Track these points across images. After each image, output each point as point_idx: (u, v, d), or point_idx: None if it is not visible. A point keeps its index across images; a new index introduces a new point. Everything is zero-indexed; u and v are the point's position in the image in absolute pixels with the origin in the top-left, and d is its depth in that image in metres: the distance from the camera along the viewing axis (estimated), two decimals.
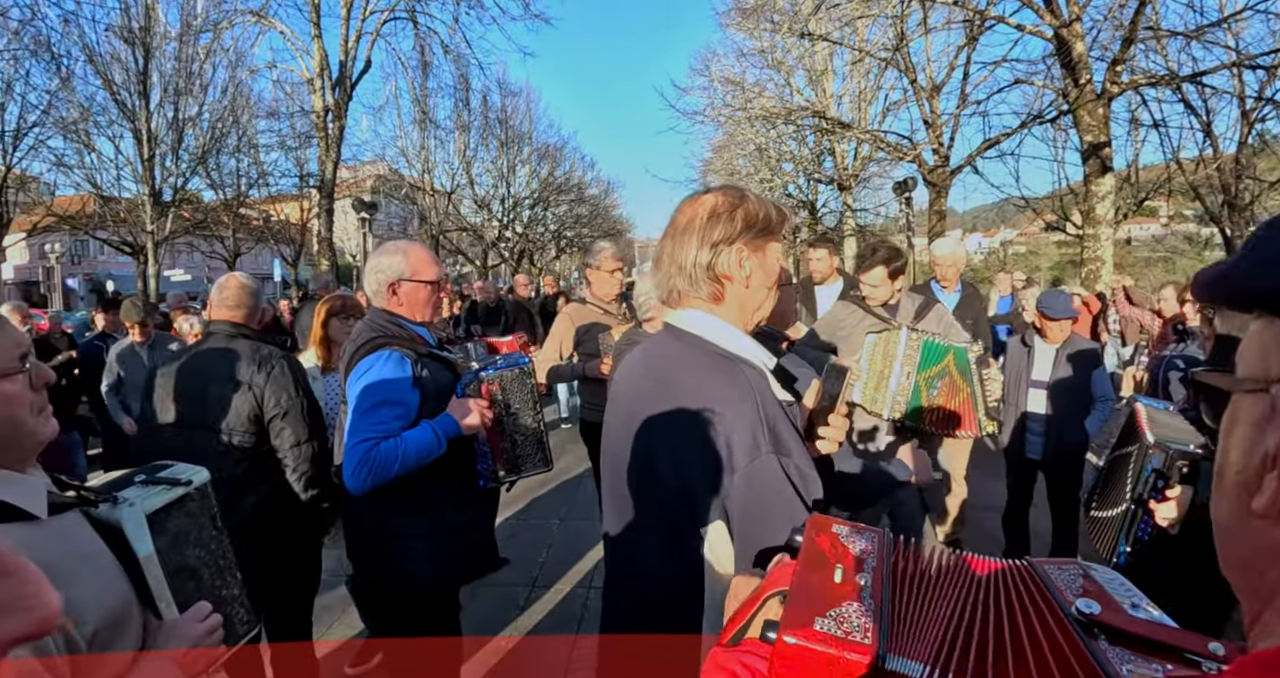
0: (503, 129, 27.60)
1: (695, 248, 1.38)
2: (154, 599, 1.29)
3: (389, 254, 2.41)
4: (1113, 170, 10.09)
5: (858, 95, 19.18)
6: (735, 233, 1.37)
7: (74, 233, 19.22)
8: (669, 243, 1.44)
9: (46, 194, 18.48)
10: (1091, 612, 0.73)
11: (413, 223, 29.50)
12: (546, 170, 30.32)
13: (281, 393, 2.66)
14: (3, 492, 1.10)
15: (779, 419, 1.31)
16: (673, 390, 1.36)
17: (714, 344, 1.39)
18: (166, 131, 16.91)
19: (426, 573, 2.38)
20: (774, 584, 0.88)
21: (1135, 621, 0.73)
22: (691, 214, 1.41)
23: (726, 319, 1.42)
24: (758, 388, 1.32)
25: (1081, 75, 9.48)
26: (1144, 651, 0.70)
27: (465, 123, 25.76)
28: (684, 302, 1.44)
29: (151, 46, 16.09)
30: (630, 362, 1.57)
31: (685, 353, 1.40)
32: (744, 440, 1.25)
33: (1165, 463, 1.98)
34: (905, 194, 14.06)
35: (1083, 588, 0.80)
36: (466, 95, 24.17)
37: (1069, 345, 3.92)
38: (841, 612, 0.74)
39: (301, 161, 20.12)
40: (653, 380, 1.43)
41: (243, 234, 21.37)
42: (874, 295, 3.56)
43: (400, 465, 2.19)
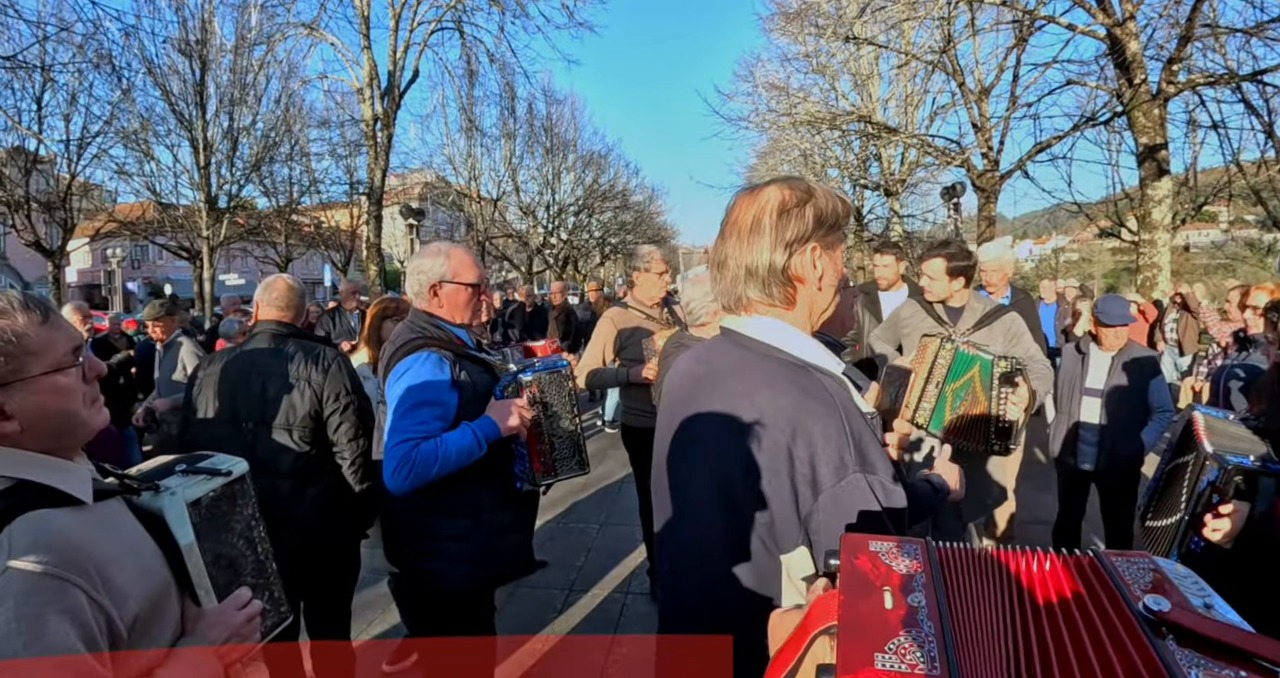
0: (548, 136, 27.86)
1: (768, 250, 1.25)
2: (194, 587, 1.31)
3: (431, 256, 2.42)
4: (1170, 174, 9.77)
5: (904, 99, 18.89)
6: (808, 231, 1.25)
7: (134, 238, 19.85)
8: (734, 245, 1.30)
9: (108, 201, 19.18)
10: (1160, 609, 0.67)
11: (459, 229, 29.91)
12: (591, 177, 30.49)
13: (340, 388, 2.74)
14: (53, 478, 1.14)
15: (864, 433, 1.19)
16: (746, 406, 1.23)
17: (785, 352, 1.27)
18: (222, 140, 17.39)
19: (462, 574, 2.39)
20: (818, 619, 0.78)
21: (1207, 621, 0.67)
22: (758, 211, 1.27)
23: (794, 324, 1.30)
24: (840, 400, 1.21)
25: (1136, 75, 9.20)
26: (1215, 654, 0.64)
27: (511, 130, 26.03)
28: (752, 308, 1.31)
29: (208, 59, 16.57)
30: (688, 371, 1.44)
31: (756, 363, 1.27)
32: (830, 459, 1.14)
33: (1222, 478, 1.88)
34: (953, 200, 13.78)
35: (1152, 583, 0.74)
36: (512, 103, 24.43)
37: (1125, 353, 3.77)
38: (900, 643, 0.67)
39: (351, 169, 20.52)
40: (721, 393, 1.29)
41: (294, 240, 21.86)
42: (930, 288, 3.48)
43: (440, 467, 2.19)
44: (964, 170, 13.97)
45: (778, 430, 1.17)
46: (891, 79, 19.27)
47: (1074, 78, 11.60)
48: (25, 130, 14.28)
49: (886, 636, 0.68)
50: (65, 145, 15.32)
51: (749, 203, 1.30)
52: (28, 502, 1.08)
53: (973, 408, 3.12)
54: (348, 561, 2.97)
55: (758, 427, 1.20)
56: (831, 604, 0.77)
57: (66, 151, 15.42)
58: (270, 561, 1.60)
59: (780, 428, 1.17)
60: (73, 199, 15.77)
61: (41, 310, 1.15)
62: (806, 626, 0.80)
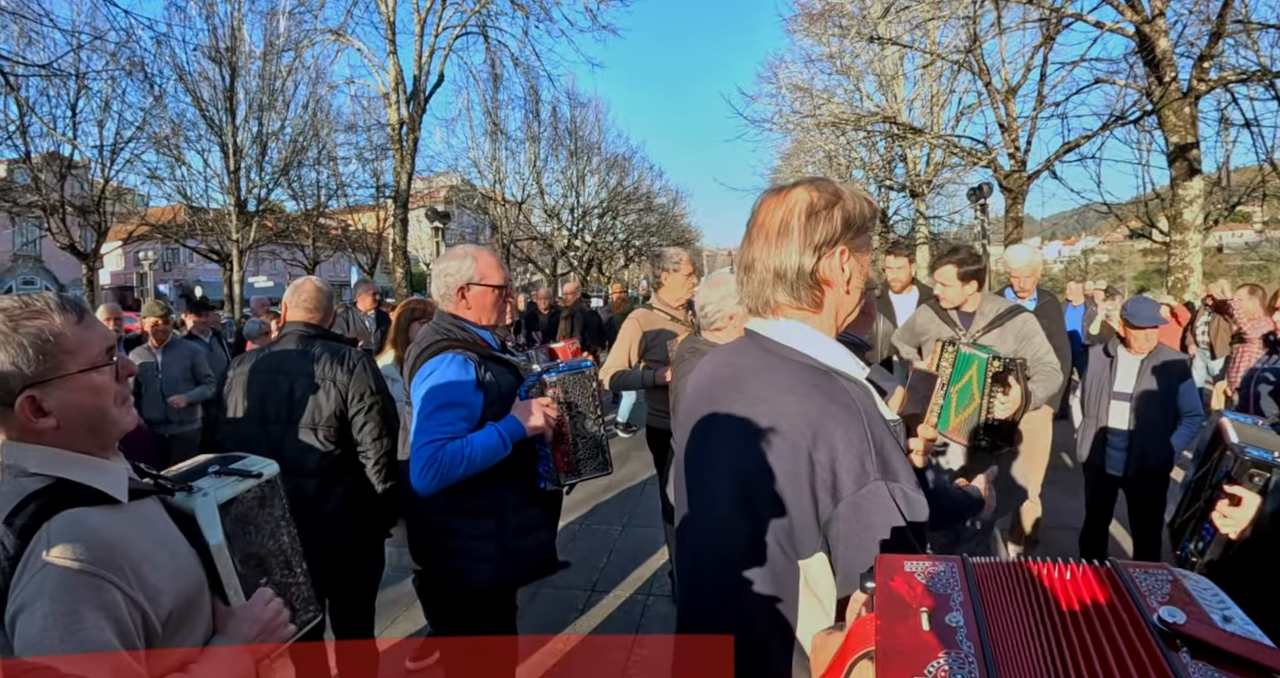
0: (572, 139, 27.98)
1: (796, 253, 1.24)
2: (223, 587, 1.34)
3: (458, 258, 2.45)
4: (1201, 173, 9.61)
5: (930, 99, 18.75)
6: (837, 233, 1.23)
7: (166, 241, 20.21)
8: (761, 247, 1.28)
9: (141, 205, 19.61)
10: (1175, 621, 0.67)
11: (484, 232, 30.07)
12: (615, 180, 30.63)
13: (364, 389, 2.77)
14: (89, 476, 1.17)
15: (886, 440, 1.18)
16: (768, 410, 1.22)
17: (810, 357, 1.26)
18: (251, 145, 17.69)
19: (486, 573, 2.41)
20: (857, 644, 0.78)
21: (1224, 634, 0.66)
22: (786, 213, 1.26)
23: (819, 328, 1.28)
24: (863, 406, 1.19)
25: (1166, 73, 9.06)
26: (1231, 668, 0.63)
27: (535, 134, 26.19)
28: (780, 312, 1.30)
29: (237, 65, 16.88)
30: (711, 373, 1.43)
31: (780, 367, 1.26)
32: (851, 466, 1.12)
33: (1236, 468, 1.84)
34: (980, 201, 13.64)
35: (1169, 595, 0.73)
36: (536, 107, 24.58)
37: (1155, 356, 3.70)
38: (939, 665, 0.67)
39: (378, 173, 20.76)
40: (743, 396, 1.28)
41: (322, 243, 22.15)
42: (944, 295, 3.48)
43: (466, 467, 2.21)
44: (990, 171, 13.83)
45: (799, 435, 1.16)
46: (917, 79, 19.17)
47: (1102, 76, 11.46)
48: (60, 136, 14.58)
49: (925, 659, 0.68)
50: (99, 151, 15.66)
51: (776, 204, 1.28)
52: (65, 500, 1.11)
53: (968, 407, 3.13)
54: (372, 559, 3.01)
55: (779, 431, 1.19)
56: (869, 628, 0.76)
57: (100, 157, 15.75)
58: (300, 560, 1.63)
59: (802, 433, 1.15)
60: (106, 203, 16.07)
61: (77, 311, 1.18)
62: (846, 651, 0.79)
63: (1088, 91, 12.13)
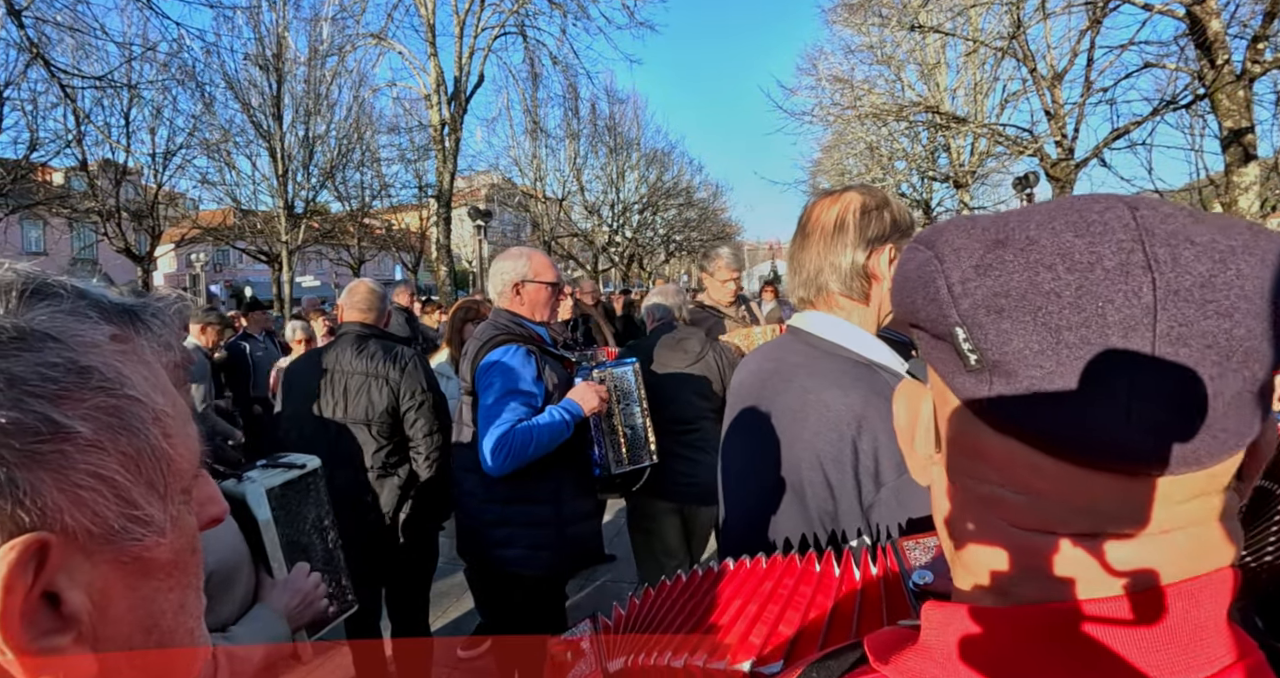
0: (611, 136, 28.09)
1: (852, 247, 1.35)
2: (268, 559, 1.46)
3: (514, 258, 2.60)
4: (1257, 158, 9.29)
5: (973, 88, 18.39)
6: (887, 231, 1.34)
7: (216, 243, 20.82)
8: (818, 241, 1.39)
9: (192, 209, 20.28)
10: (924, 582, 0.78)
11: (525, 229, 30.37)
12: (655, 175, 30.63)
13: (416, 386, 2.88)
14: None
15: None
16: (814, 401, 1.29)
17: (851, 351, 1.34)
18: (298, 149, 18.10)
19: (541, 561, 2.52)
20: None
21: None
22: (841, 210, 1.37)
23: (860, 322, 1.37)
24: None
25: (1218, 56, 8.79)
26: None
27: (575, 131, 26.35)
28: (831, 301, 1.39)
29: (283, 72, 17.28)
30: (758, 368, 1.51)
31: (820, 361, 1.34)
32: (893, 454, 1.20)
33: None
34: (1026, 190, 13.41)
35: (931, 560, 0.84)
36: (575, 104, 24.71)
37: None
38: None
39: (420, 173, 21.08)
40: (788, 390, 1.36)
41: (367, 243, 22.59)
42: None
43: (535, 448, 2.35)
44: (1037, 160, 13.54)
45: (845, 425, 1.23)
46: (959, 67, 18.81)
47: (1152, 60, 11.13)
48: (115, 144, 15.11)
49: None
50: (151, 157, 16.19)
51: (831, 204, 1.39)
52: None
53: None
54: (426, 550, 3.13)
55: (826, 420, 1.26)
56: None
57: (153, 163, 16.30)
58: (339, 551, 1.75)
59: (847, 423, 1.23)
60: (159, 207, 16.63)
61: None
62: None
63: (1137, 76, 11.78)
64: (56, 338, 0.44)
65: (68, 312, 0.46)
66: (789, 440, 1.32)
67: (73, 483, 0.42)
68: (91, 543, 0.44)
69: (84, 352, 0.45)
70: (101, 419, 0.44)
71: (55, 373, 0.43)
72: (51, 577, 0.42)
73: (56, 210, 16.80)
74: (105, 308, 0.49)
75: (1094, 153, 12.85)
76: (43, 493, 0.41)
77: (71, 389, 0.43)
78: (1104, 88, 12.23)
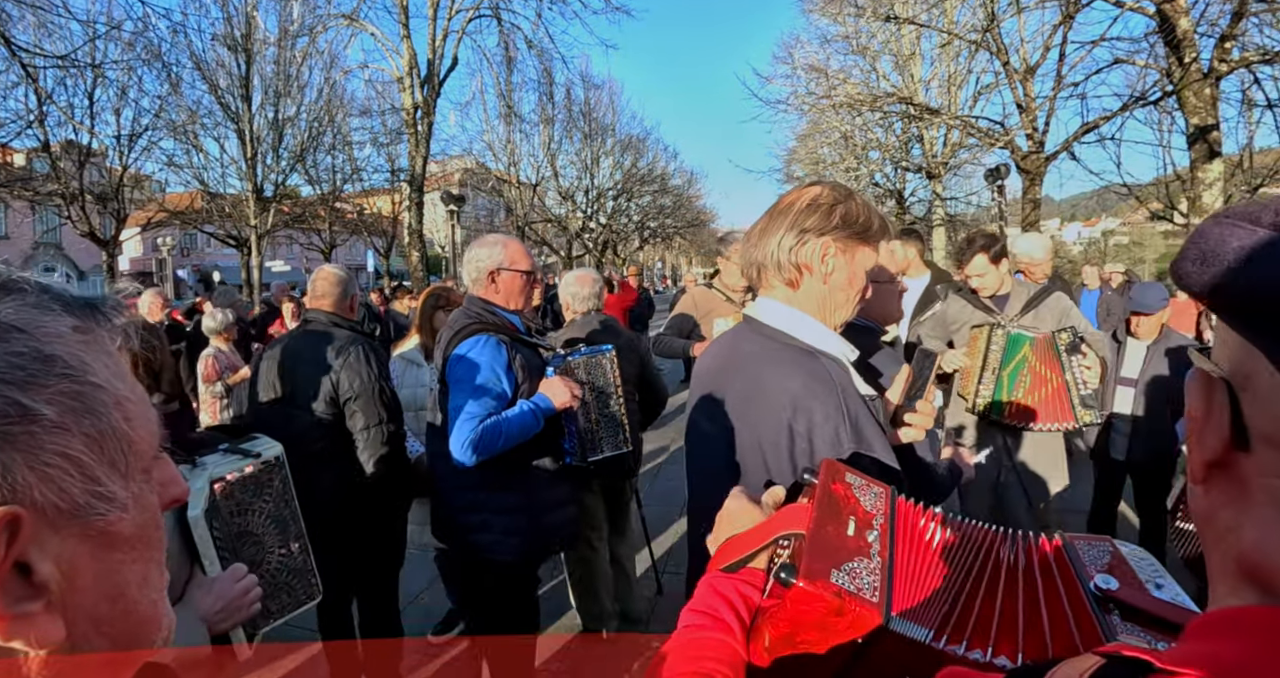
0: (586, 121, 27.94)
1: (784, 229, 1.39)
2: (200, 557, 1.40)
3: (489, 245, 2.58)
4: (1221, 155, 9.48)
5: (947, 80, 18.52)
6: (828, 226, 1.37)
7: (184, 227, 20.43)
8: (765, 220, 1.44)
9: (158, 191, 19.82)
10: (1108, 588, 0.76)
11: (499, 215, 30.15)
12: (630, 161, 30.57)
13: (355, 378, 2.82)
14: None
15: (861, 414, 1.31)
16: (758, 387, 1.36)
17: (795, 338, 1.40)
18: (267, 132, 17.80)
19: (512, 546, 2.54)
20: (785, 524, 0.89)
21: (1153, 600, 0.75)
22: (794, 198, 1.42)
23: (805, 310, 1.41)
24: (840, 382, 1.33)
25: (1187, 53, 8.94)
26: (1155, 629, 0.72)
27: (549, 116, 26.17)
28: (763, 282, 1.45)
29: (252, 52, 16.96)
30: (716, 354, 1.58)
31: (768, 349, 1.40)
32: (827, 436, 1.27)
33: None
34: (998, 182, 13.55)
35: (1108, 564, 0.82)
36: (550, 89, 24.53)
37: (1163, 341, 3.74)
38: (854, 567, 0.78)
39: (393, 157, 20.87)
40: (739, 377, 1.43)
41: (338, 227, 22.32)
42: (982, 285, 3.48)
43: (505, 441, 2.36)
44: (1008, 152, 13.68)
45: (781, 409, 1.31)
46: (934, 59, 18.94)
47: (1122, 56, 11.29)
48: (78, 125, 14.72)
49: (844, 557, 0.79)
50: (116, 139, 15.83)
51: (793, 193, 1.45)
52: None
53: (1039, 388, 3.17)
54: (389, 538, 3.11)
55: (766, 405, 1.34)
56: (802, 515, 0.87)
57: (118, 145, 15.94)
58: (303, 541, 1.72)
59: (784, 406, 1.31)
60: (124, 190, 16.28)
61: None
62: (773, 525, 0.90)
63: (1107, 71, 11.97)
64: (22, 329, 0.47)
65: (33, 305, 0.49)
66: (738, 425, 1.39)
67: (41, 462, 0.45)
68: (59, 518, 0.47)
69: (48, 341, 0.48)
70: (66, 403, 0.47)
71: (22, 361, 0.46)
72: (23, 548, 0.45)
73: (18, 193, 16.42)
74: (67, 301, 0.51)
75: (1064, 146, 13.03)
76: (13, 471, 0.44)
77: (37, 376, 0.46)
78: (1075, 82, 12.42)
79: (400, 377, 3.55)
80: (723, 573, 0.91)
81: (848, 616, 0.73)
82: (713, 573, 0.92)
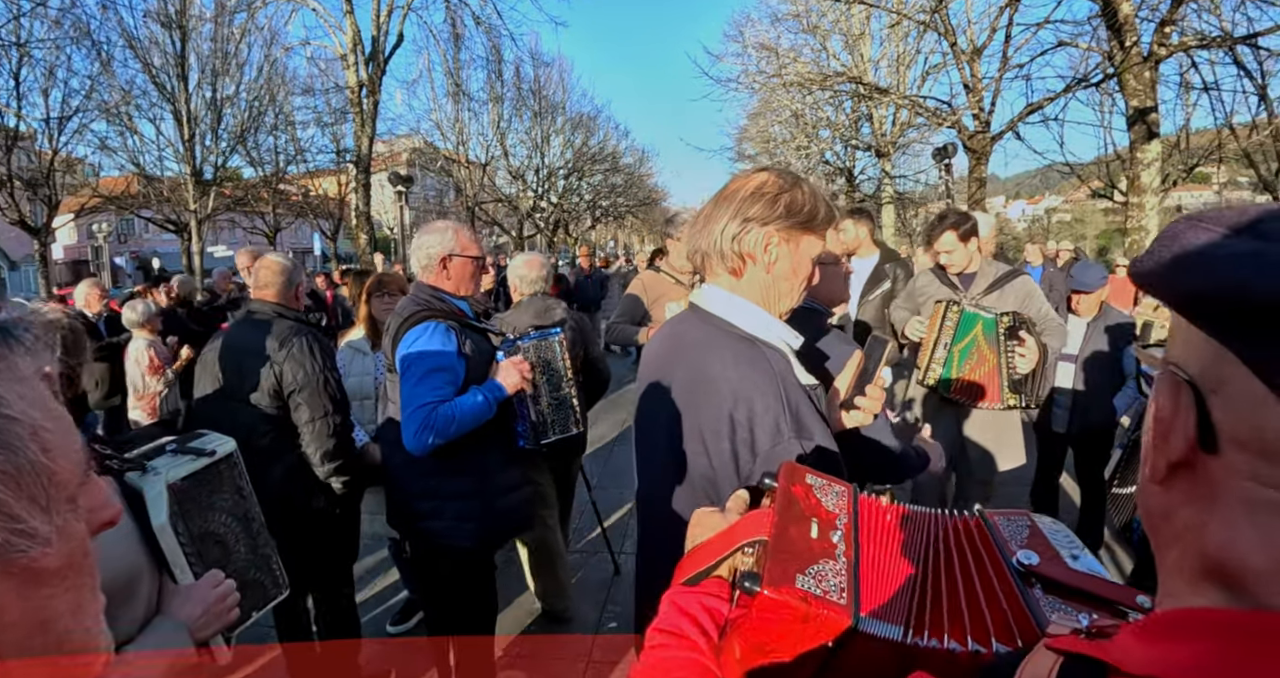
0: (536, 100, 27.58)
1: (728, 218, 1.38)
2: (169, 566, 1.35)
3: (438, 232, 2.56)
4: (1159, 137, 9.77)
5: (896, 59, 18.71)
6: (772, 215, 1.36)
7: (120, 213, 19.62)
8: (710, 206, 1.43)
9: (92, 176, 18.94)
10: (1030, 563, 0.78)
11: (448, 195, 29.66)
12: (580, 140, 30.32)
13: (299, 370, 2.75)
14: None
15: (801, 403, 1.32)
16: (701, 376, 1.37)
17: (737, 327, 1.40)
18: (206, 112, 17.20)
19: (467, 531, 2.53)
20: (747, 531, 0.88)
21: (1071, 572, 0.78)
22: (739, 186, 1.41)
23: (749, 298, 1.42)
24: (780, 372, 1.33)
25: (1128, 37, 9.16)
26: (1076, 600, 0.75)
27: (498, 94, 25.77)
28: (708, 269, 1.45)
29: (188, 29, 16.33)
30: (662, 341, 1.58)
31: (711, 337, 1.40)
32: (767, 425, 1.28)
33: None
34: (945, 160, 13.78)
35: (1026, 539, 0.84)
36: (499, 67, 24.18)
37: (1102, 319, 3.87)
38: (819, 570, 0.77)
39: (338, 137, 20.35)
40: (683, 365, 1.44)
41: (282, 210, 21.72)
42: (950, 262, 3.53)
43: (458, 427, 2.35)
44: (955, 131, 13.90)
45: (722, 398, 1.32)
46: (883, 38, 19.07)
47: (1066, 39, 11.50)
48: (4, 107, 14.09)
49: (809, 561, 0.78)
50: (45, 122, 15.14)
51: (739, 179, 1.44)
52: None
53: (979, 368, 3.25)
54: (342, 529, 3.07)
55: (708, 394, 1.35)
56: (764, 521, 0.86)
57: (47, 127, 15.24)
58: (264, 535, 1.68)
59: (725, 396, 1.32)
60: (56, 175, 15.58)
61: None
62: (735, 533, 0.89)
63: (1051, 54, 12.17)
64: None
65: None
66: (683, 413, 1.40)
67: None
68: None
69: None
70: None
71: None
72: None
73: None
74: None
75: (1009, 126, 13.28)
76: None
77: None
78: (1020, 64, 12.62)
79: (347, 365, 3.48)
80: (685, 587, 0.90)
81: (816, 620, 0.73)
82: (675, 588, 0.90)
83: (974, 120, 13.63)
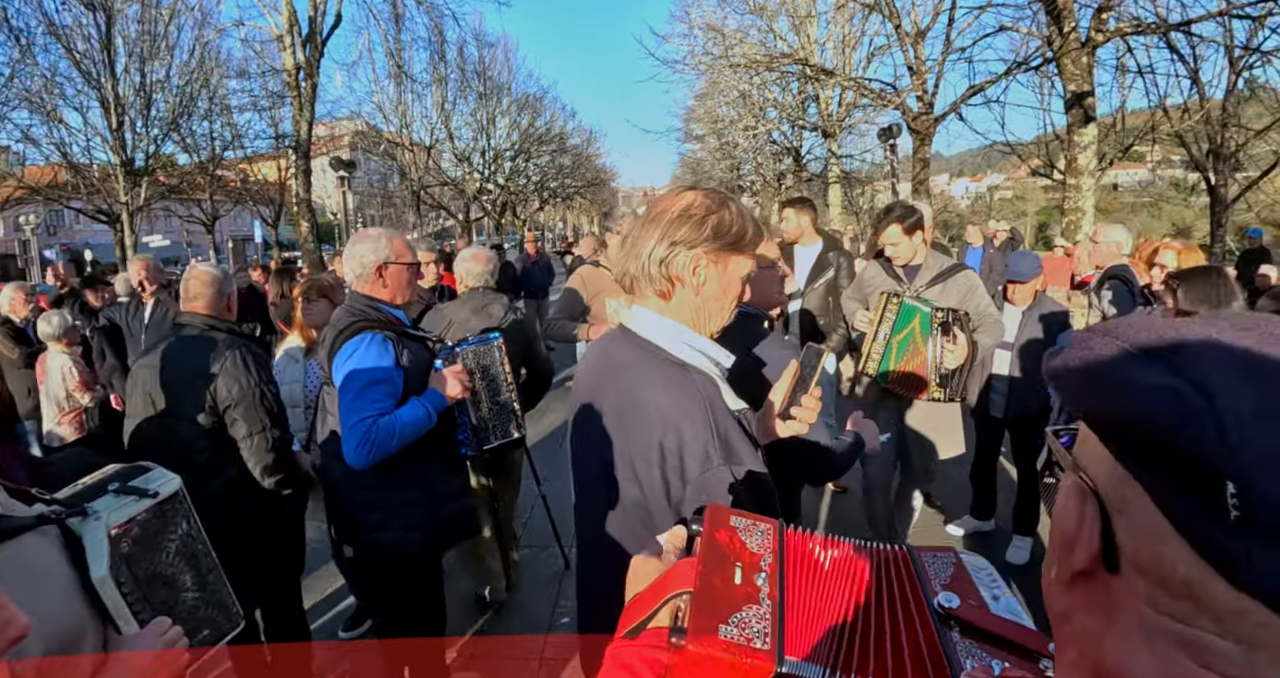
0: (481, 81, 27.15)
1: (655, 241, 1.37)
2: (113, 617, 1.29)
3: (372, 239, 2.51)
4: (1095, 120, 10.04)
5: (841, 41, 18.82)
6: (699, 238, 1.35)
7: (48, 204, 18.84)
8: (638, 227, 1.42)
9: (16, 166, 18.02)
10: (950, 606, 0.80)
11: (393, 179, 29.05)
12: (527, 121, 30.00)
13: (234, 385, 2.68)
14: None
15: (730, 429, 1.33)
16: (630, 400, 1.37)
17: (666, 351, 1.39)
18: (134, 98, 16.48)
19: (414, 540, 2.52)
20: (676, 583, 0.88)
21: (990, 616, 0.80)
22: (666, 206, 1.39)
23: (678, 319, 1.41)
24: (709, 398, 1.34)
25: (1066, 23, 9.36)
26: (992, 646, 0.77)
27: (442, 75, 25.30)
28: (637, 291, 1.44)
29: (113, 10, 15.56)
30: (594, 361, 1.57)
31: (641, 361, 1.39)
32: (696, 452, 1.29)
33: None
34: (890, 141, 13.97)
35: (950, 578, 0.86)
36: (442, 47, 23.63)
37: (1036, 307, 3.97)
38: (743, 616, 0.78)
39: (276, 121, 19.75)
40: (613, 387, 1.43)
41: (220, 197, 21.06)
42: (895, 254, 3.57)
43: (399, 440, 2.32)
44: (900, 113, 14.08)
45: (652, 424, 1.32)
46: (829, 20, 19.15)
47: (1007, 23, 11.71)
48: None
49: (732, 608, 0.79)
50: None
51: (668, 198, 1.42)
52: None
53: (912, 359, 3.33)
54: (287, 542, 3.01)
55: (637, 420, 1.35)
56: (690, 572, 0.86)
57: None
58: (216, 570, 1.62)
59: (655, 422, 1.32)
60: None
61: None
62: (665, 584, 0.90)
63: (993, 37, 12.40)
64: None
65: None
66: (606, 438, 1.40)
67: None
68: None
69: None
70: None
71: None
72: None
73: None
74: None
75: (952, 108, 13.49)
76: None
77: None
78: (963, 47, 12.81)
79: (281, 373, 3.42)
80: (626, 640, 0.91)
81: (741, 669, 0.74)
82: (617, 642, 0.91)
83: (918, 102, 13.81)
